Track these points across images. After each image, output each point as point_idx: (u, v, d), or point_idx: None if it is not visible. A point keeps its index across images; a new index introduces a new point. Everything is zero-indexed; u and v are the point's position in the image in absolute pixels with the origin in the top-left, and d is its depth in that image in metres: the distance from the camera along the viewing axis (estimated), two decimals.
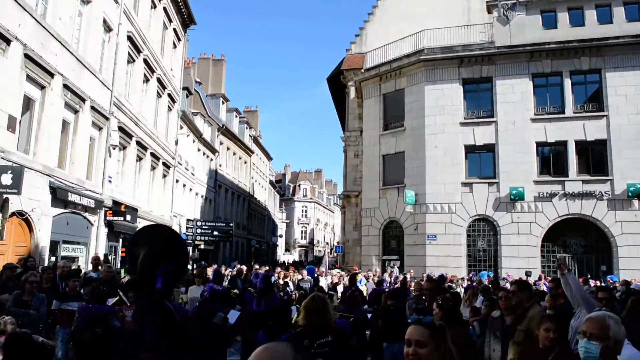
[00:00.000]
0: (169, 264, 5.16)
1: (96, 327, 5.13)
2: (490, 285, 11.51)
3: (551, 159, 23.07)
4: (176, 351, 3.38)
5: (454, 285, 16.08)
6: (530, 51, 23.15)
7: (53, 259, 14.68)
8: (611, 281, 17.10)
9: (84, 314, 6.12)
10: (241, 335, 8.14)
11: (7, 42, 12.22)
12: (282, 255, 68.16)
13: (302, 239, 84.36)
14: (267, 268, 20.70)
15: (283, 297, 11.28)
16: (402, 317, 7.47)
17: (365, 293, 14.15)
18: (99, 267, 11.21)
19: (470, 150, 23.64)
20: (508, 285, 14.10)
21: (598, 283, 15.88)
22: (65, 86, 15.19)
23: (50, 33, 14.22)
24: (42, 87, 14.25)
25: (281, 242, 74.12)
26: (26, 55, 13.04)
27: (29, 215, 13.50)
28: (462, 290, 14.40)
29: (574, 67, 22.77)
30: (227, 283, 14.65)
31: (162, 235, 5.85)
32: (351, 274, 16.82)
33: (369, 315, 8.91)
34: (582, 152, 22.42)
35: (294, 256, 74.25)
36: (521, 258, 21.93)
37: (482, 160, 23.66)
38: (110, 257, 19.00)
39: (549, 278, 16.56)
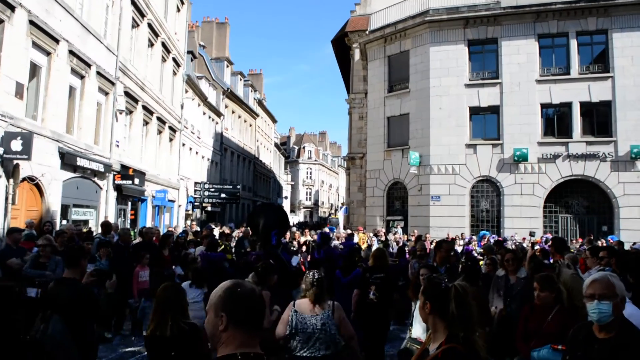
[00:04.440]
0: (278, 229, 9.01)
1: (214, 268, 8.91)
2: (494, 246, 11.76)
3: (555, 120, 23.06)
4: (283, 282, 5.62)
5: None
6: (537, 11, 22.85)
7: (64, 222, 15.03)
8: (612, 241, 17.34)
9: (205, 258, 9.86)
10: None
11: (12, 8, 12.27)
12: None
13: (306, 200, 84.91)
14: None
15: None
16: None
17: None
18: (110, 232, 11.55)
19: (474, 111, 23.64)
20: (508, 245, 14.48)
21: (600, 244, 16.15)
22: (71, 52, 15.26)
23: None
24: (48, 54, 14.34)
25: (286, 204, 74.57)
26: (31, 22, 13.09)
27: (39, 180, 13.78)
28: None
29: (580, 27, 22.51)
30: (234, 244, 15.12)
31: (273, 210, 10.74)
32: (417, 235, 17.83)
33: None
34: (586, 113, 22.40)
35: (299, 217, 74.91)
36: (524, 218, 22.19)
37: (486, 122, 23.67)
38: (119, 220, 19.40)
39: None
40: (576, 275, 6.17)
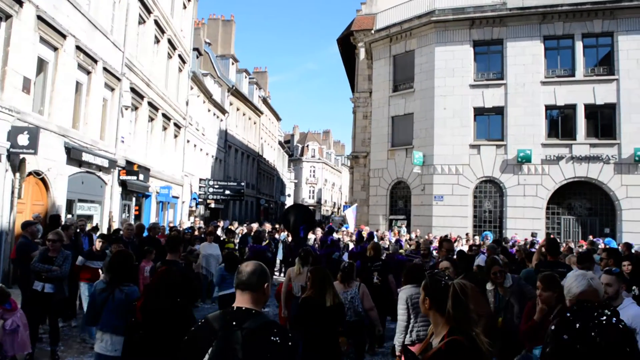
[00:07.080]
0: (305, 224, 12.16)
1: (258, 258, 9.76)
2: (495, 245, 11.77)
3: (560, 122, 23.02)
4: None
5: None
6: (543, 13, 22.84)
7: (70, 216, 15.13)
8: (604, 245, 17.30)
9: (252, 249, 11.96)
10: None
11: (20, 3, 12.35)
12: None
13: (310, 198, 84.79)
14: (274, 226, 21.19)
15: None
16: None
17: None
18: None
19: (479, 112, 23.65)
20: (513, 246, 14.48)
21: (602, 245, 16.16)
22: (78, 47, 15.35)
23: None
24: (55, 49, 14.43)
25: (289, 202, 74.64)
26: (39, 17, 13.18)
27: (45, 174, 13.86)
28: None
29: (586, 29, 22.49)
30: (238, 240, 15.48)
31: (301, 208, 14.64)
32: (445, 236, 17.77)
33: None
34: (590, 115, 22.37)
35: None
36: (526, 219, 22.21)
37: (490, 123, 23.67)
38: (124, 216, 19.53)
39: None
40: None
